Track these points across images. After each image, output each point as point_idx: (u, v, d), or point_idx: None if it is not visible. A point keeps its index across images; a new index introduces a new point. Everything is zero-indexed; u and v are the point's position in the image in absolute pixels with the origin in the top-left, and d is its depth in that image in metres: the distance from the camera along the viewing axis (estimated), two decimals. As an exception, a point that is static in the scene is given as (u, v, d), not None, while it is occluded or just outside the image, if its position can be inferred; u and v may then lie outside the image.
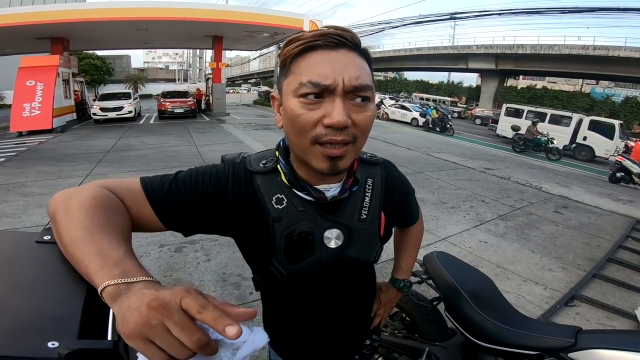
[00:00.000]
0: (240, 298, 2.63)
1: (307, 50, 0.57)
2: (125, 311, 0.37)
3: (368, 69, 0.61)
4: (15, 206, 4.31)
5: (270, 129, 12.31)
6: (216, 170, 0.69)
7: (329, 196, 0.68)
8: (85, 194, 0.54)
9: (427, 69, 38.00)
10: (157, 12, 12.07)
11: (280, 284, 0.73)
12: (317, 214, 0.68)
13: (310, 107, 0.56)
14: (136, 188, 0.62)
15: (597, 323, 2.58)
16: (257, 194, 0.68)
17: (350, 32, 0.59)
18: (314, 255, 0.69)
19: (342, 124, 0.55)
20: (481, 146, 12.43)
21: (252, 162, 0.72)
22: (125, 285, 0.40)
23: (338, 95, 0.56)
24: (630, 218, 5.05)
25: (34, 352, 0.38)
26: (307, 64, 0.57)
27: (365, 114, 0.59)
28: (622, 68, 23.93)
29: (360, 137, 0.60)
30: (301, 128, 0.58)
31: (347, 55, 0.57)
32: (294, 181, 0.67)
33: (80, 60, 25.37)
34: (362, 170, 0.75)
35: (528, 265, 3.40)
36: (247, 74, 72.93)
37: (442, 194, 5.57)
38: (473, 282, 1.48)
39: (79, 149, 8.32)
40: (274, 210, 0.67)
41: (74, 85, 14.75)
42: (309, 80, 0.55)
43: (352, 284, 0.79)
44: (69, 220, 0.50)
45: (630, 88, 31.28)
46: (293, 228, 0.67)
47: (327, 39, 0.56)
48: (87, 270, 0.44)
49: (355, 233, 0.71)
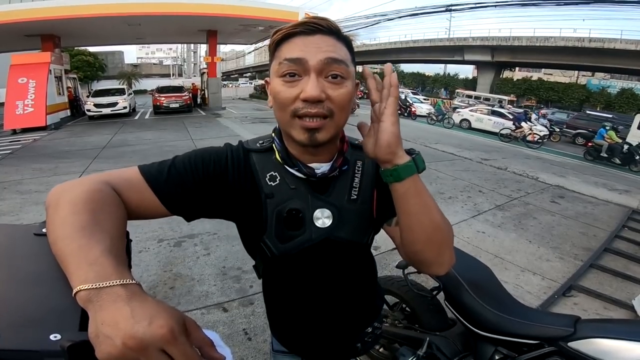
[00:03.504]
0: (240, 291, 2.63)
1: (288, 37, 0.64)
2: (99, 329, 0.37)
3: (345, 51, 0.65)
4: (12, 204, 4.28)
5: (266, 122, 12.28)
6: (215, 152, 0.72)
7: (319, 173, 0.70)
8: (78, 190, 0.54)
9: (423, 61, 37.88)
10: (150, 7, 11.87)
11: (273, 265, 0.76)
12: (308, 193, 0.71)
13: (289, 84, 0.62)
14: (136, 177, 0.64)
15: (594, 313, 2.61)
16: (253, 171, 0.72)
17: (326, 20, 0.64)
18: (304, 234, 0.71)
19: (315, 97, 0.60)
20: (478, 137, 12.40)
21: (250, 142, 0.76)
22: (96, 291, 0.40)
23: (312, 71, 0.61)
24: (626, 208, 5.09)
25: (36, 345, 0.38)
26: (286, 48, 0.63)
27: (340, 90, 0.62)
28: (617, 60, 23.97)
29: (337, 112, 0.63)
30: (282, 103, 0.63)
31: (322, 38, 0.63)
32: (286, 158, 0.70)
33: (72, 57, 25.13)
34: (353, 153, 0.77)
35: (526, 255, 3.43)
36: (242, 68, 72.46)
37: (439, 184, 5.59)
38: (473, 272, 1.49)
39: (74, 146, 8.26)
40: (267, 187, 0.70)
41: (66, 82, 14.62)
42: (285, 58, 0.62)
43: (345, 267, 0.79)
44: (56, 217, 0.50)
45: (626, 80, 31.36)
46: (284, 205, 0.70)
47: (304, 27, 0.62)
48: (66, 270, 0.44)
49: (346, 213, 0.73)
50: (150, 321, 0.38)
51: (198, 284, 2.72)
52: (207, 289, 2.66)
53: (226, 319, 2.33)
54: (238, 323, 2.30)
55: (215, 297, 2.57)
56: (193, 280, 2.77)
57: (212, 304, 2.49)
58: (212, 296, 2.58)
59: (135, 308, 0.39)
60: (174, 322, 0.39)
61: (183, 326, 0.40)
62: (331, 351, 0.86)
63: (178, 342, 0.38)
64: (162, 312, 0.39)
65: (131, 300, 0.39)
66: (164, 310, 0.40)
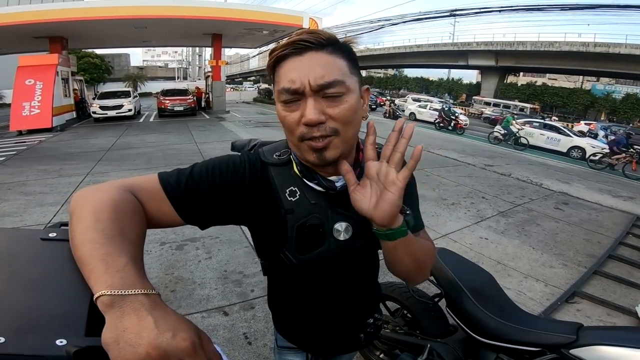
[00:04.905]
0: (241, 295, 2.63)
1: (280, 60, 0.64)
2: (121, 336, 0.38)
3: (341, 63, 0.63)
4: (16, 205, 4.31)
5: (270, 127, 12.31)
6: (232, 162, 0.72)
7: (339, 186, 0.70)
8: (104, 197, 0.55)
9: (427, 65, 37.95)
10: (156, 10, 12.02)
11: (289, 272, 0.77)
12: (328, 207, 0.71)
13: (290, 109, 0.63)
14: (155, 187, 0.65)
15: (597, 320, 2.59)
16: (272, 185, 0.71)
17: (315, 34, 0.62)
18: (323, 245, 0.72)
19: (314, 121, 0.60)
20: (481, 143, 12.36)
21: (266, 153, 0.74)
22: (120, 298, 0.41)
23: (308, 96, 0.61)
24: (630, 214, 5.04)
25: (42, 350, 0.38)
26: (281, 73, 0.63)
27: (340, 107, 0.62)
28: (622, 65, 23.90)
29: (342, 128, 0.63)
30: (288, 128, 0.64)
31: (312, 57, 0.61)
32: (305, 171, 0.70)
33: (79, 59, 25.34)
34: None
35: (529, 261, 3.41)
36: (246, 72, 72.74)
37: (442, 190, 5.58)
38: (474, 279, 1.48)
39: (79, 148, 8.32)
40: (287, 203, 0.70)
41: (73, 84, 14.74)
42: (282, 88, 0.62)
43: (357, 269, 0.82)
44: (84, 221, 0.51)
45: (631, 85, 31.22)
46: (304, 220, 0.70)
47: (293, 47, 0.62)
48: (89, 275, 0.45)
49: (364, 225, 0.73)
50: (173, 333, 0.39)
51: (199, 288, 2.72)
52: (208, 292, 2.67)
53: (227, 323, 2.33)
54: (238, 327, 2.30)
55: (216, 300, 2.57)
56: (194, 283, 2.78)
57: (212, 307, 2.49)
58: (213, 300, 2.58)
59: (158, 319, 0.40)
60: (195, 336, 0.41)
61: (200, 340, 0.42)
62: (336, 344, 0.88)
63: (197, 355, 0.40)
64: (183, 325, 0.41)
65: (154, 310, 0.41)
66: (184, 323, 0.42)
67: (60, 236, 0.57)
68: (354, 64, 0.66)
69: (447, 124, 15.14)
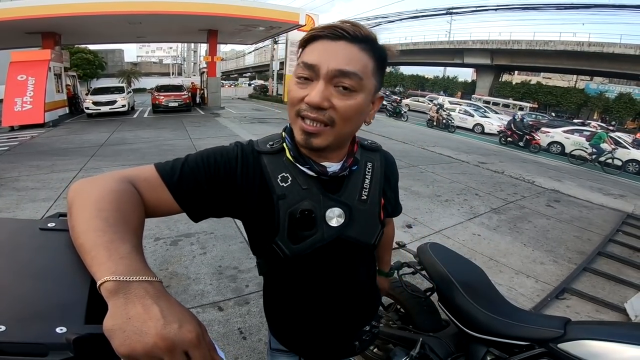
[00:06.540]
0: (236, 290, 2.65)
1: (313, 39, 0.65)
2: (126, 324, 0.38)
3: (367, 62, 0.64)
4: (8, 201, 4.28)
5: (265, 123, 12.28)
6: (226, 151, 0.73)
7: (330, 171, 0.72)
8: (105, 188, 0.56)
9: (423, 63, 38.00)
10: (151, 5, 11.86)
11: (283, 265, 0.76)
12: (320, 193, 0.72)
13: (300, 86, 0.65)
14: (152, 175, 0.66)
15: (586, 316, 2.63)
16: (264, 172, 0.72)
17: (356, 27, 0.63)
18: (316, 234, 0.72)
19: (315, 104, 0.62)
20: (476, 140, 12.44)
21: (260, 143, 0.76)
22: (125, 284, 0.41)
23: (322, 79, 0.62)
24: (620, 212, 5.12)
25: (42, 338, 0.39)
26: (309, 50, 0.65)
27: (347, 102, 0.63)
28: (616, 64, 24.12)
29: (340, 122, 0.64)
30: (291, 101, 0.67)
31: (344, 46, 0.62)
32: (298, 156, 0.71)
33: (72, 54, 24.99)
34: (363, 154, 0.79)
35: (520, 258, 3.46)
36: (242, 68, 72.33)
37: (436, 187, 5.62)
38: (466, 273, 1.50)
39: (71, 143, 8.24)
40: (279, 188, 0.71)
41: (66, 80, 14.57)
42: (302, 61, 0.64)
43: (352, 267, 0.81)
44: (86, 210, 0.52)
45: (624, 84, 31.51)
46: (296, 206, 0.71)
47: (330, 31, 0.63)
48: (92, 261, 0.45)
49: (356, 213, 0.75)
50: (180, 324, 0.40)
51: (194, 283, 2.73)
52: (203, 288, 2.67)
53: (221, 318, 2.35)
54: (233, 322, 2.31)
55: (211, 296, 2.58)
56: (189, 279, 2.78)
57: (207, 302, 2.50)
58: (208, 295, 2.59)
59: (164, 309, 0.41)
60: (199, 328, 0.42)
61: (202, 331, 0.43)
62: (330, 349, 0.87)
63: (201, 347, 0.41)
64: (188, 316, 0.42)
65: (159, 300, 0.42)
66: (189, 314, 0.43)
67: (59, 226, 0.58)
68: (380, 68, 0.68)
69: (518, 139, 12.06)
